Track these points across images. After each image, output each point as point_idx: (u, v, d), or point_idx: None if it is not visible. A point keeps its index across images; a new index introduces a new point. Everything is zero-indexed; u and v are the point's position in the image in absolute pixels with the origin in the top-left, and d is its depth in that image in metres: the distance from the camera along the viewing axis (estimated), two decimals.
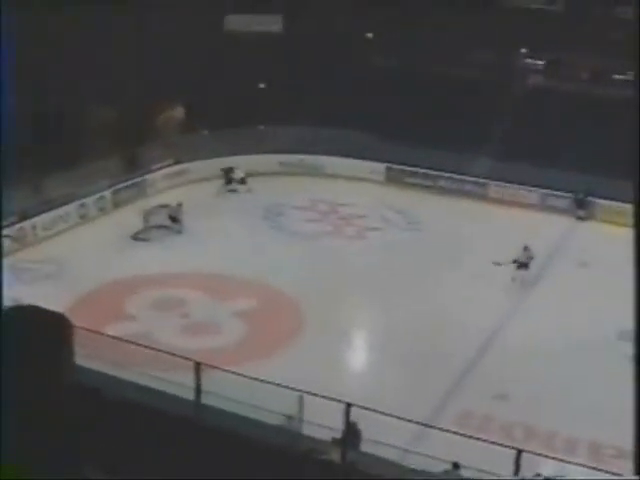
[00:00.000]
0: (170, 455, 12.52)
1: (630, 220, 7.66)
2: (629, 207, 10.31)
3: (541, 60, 45.51)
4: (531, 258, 29.72)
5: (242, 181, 39.03)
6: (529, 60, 45.85)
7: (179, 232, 33.72)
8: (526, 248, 29.66)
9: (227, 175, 39.12)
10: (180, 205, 34.13)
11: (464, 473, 15.04)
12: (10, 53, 31.88)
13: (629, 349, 7.57)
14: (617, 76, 40.64)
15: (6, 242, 30.81)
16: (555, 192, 37.89)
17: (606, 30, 38.57)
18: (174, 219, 33.85)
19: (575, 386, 22.88)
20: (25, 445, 3.01)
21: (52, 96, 33.96)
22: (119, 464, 10.45)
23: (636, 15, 33.60)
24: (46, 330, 2.88)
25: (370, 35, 46.80)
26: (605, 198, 36.29)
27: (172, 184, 38.77)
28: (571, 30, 39.83)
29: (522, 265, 29.46)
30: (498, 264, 28.43)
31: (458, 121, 39.50)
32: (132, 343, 19.66)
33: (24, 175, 31.48)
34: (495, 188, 39.42)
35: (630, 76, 38.19)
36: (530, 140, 38.40)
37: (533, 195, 38.65)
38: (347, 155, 41.28)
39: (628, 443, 7.01)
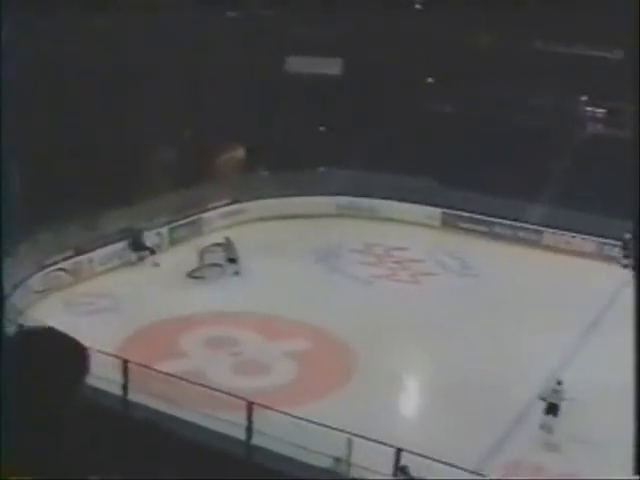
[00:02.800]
0: None
1: None
2: None
3: (601, 108, 45.27)
4: (562, 398, 22.59)
5: (152, 251, 34.76)
6: (589, 108, 45.63)
7: (237, 273, 33.57)
8: (559, 383, 23.04)
9: (135, 241, 34.70)
10: (227, 239, 34.03)
11: None
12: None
13: None
14: None
15: (61, 275, 31.27)
16: (611, 241, 37.29)
17: None
18: (232, 260, 33.64)
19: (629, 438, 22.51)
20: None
21: (113, 133, 34.51)
22: None
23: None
24: (56, 354, 3.01)
25: (431, 80, 46.90)
26: None
27: (229, 223, 38.89)
28: (631, 78, 39.55)
29: (551, 408, 22.60)
30: None
31: (515, 167, 39.38)
32: (185, 380, 19.83)
33: (81, 210, 31.90)
34: (550, 235, 39.16)
35: None
36: (588, 188, 38.09)
37: (589, 244, 38.33)
38: (403, 199, 41.27)
39: None
